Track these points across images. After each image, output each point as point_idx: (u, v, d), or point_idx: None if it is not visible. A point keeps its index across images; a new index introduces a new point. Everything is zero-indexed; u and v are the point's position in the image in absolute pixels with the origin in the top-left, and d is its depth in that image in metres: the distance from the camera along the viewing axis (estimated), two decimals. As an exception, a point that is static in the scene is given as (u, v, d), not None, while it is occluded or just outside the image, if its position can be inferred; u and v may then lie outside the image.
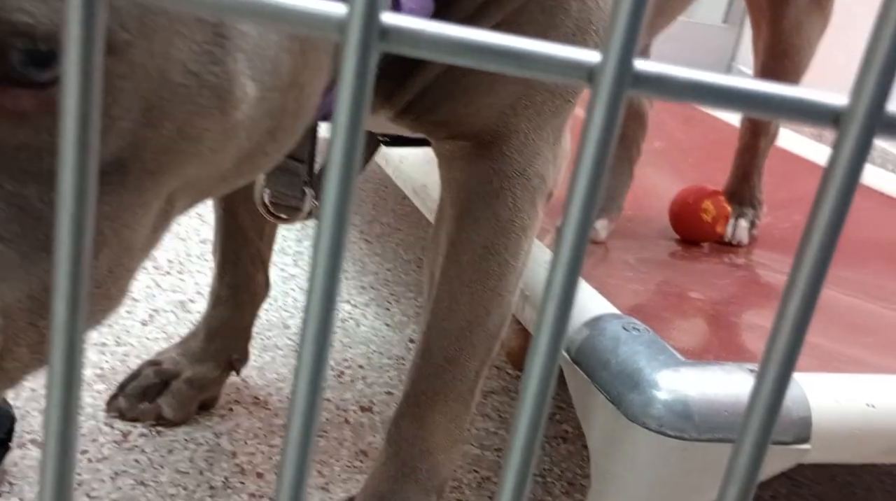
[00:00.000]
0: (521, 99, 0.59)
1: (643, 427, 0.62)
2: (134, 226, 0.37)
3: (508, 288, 0.65)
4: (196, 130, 0.37)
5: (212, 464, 0.83)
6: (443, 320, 0.65)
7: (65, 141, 0.15)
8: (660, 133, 1.32)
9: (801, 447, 0.64)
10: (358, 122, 0.16)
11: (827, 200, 0.15)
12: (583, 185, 0.15)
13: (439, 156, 0.65)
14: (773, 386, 0.17)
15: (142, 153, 0.36)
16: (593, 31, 0.58)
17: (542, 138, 0.61)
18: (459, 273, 0.64)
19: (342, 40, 0.15)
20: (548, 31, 0.56)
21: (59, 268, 0.16)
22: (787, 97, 0.15)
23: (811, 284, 0.16)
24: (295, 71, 0.41)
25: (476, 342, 0.65)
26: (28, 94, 0.32)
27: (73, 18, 0.15)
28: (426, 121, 0.60)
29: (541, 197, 0.63)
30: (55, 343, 0.16)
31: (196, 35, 0.35)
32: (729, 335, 0.85)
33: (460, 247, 0.63)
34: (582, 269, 0.17)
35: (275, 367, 1.00)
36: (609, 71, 0.15)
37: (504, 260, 0.63)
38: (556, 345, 0.17)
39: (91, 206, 0.16)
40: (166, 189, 0.38)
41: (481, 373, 0.68)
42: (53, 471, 0.18)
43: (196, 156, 0.38)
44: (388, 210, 1.49)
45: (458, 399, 0.67)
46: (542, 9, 0.55)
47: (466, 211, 0.62)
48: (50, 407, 0.18)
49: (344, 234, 0.17)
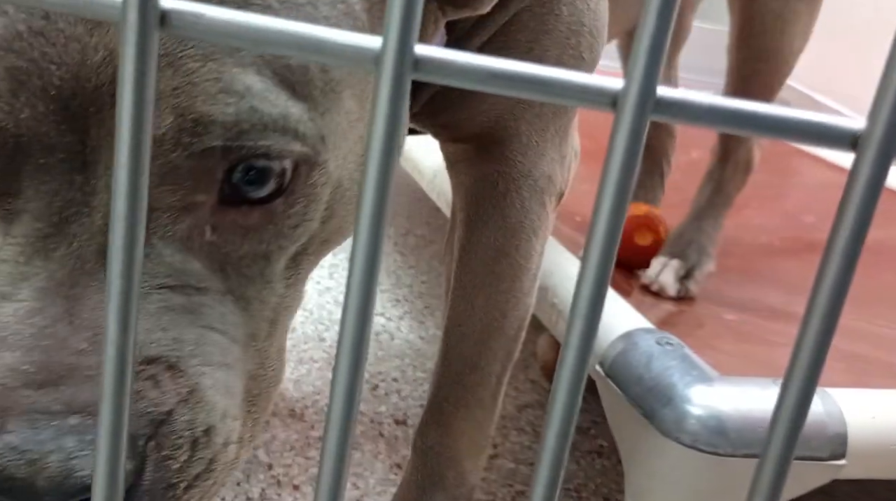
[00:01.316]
0: (518, 103, 0.59)
1: (677, 442, 0.62)
2: (298, 301, 0.44)
3: (523, 289, 0.65)
4: (349, 226, 0.43)
5: (248, 476, 0.84)
6: (460, 325, 0.66)
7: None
8: (696, 142, 1.31)
9: (837, 463, 0.64)
10: (392, 148, 0.17)
11: (846, 223, 0.15)
12: (607, 209, 0.15)
13: (446, 159, 0.65)
14: (797, 399, 0.18)
15: (308, 245, 0.41)
16: (586, 33, 0.58)
17: (545, 139, 0.61)
18: (472, 277, 0.64)
19: (377, 71, 0.16)
20: (540, 36, 0.57)
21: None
22: (805, 121, 0.16)
23: (833, 300, 0.16)
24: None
25: (495, 346, 0.66)
26: (257, 210, 0.38)
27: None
28: (428, 124, 0.61)
29: (550, 197, 0.63)
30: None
31: (360, 150, 0.42)
32: (763, 351, 0.84)
33: (471, 251, 0.64)
34: (608, 286, 0.17)
35: (310, 380, 1.01)
36: (632, 97, 0.16)
37: (516, 261, 0.63)
38: (584, 359, 0.18)
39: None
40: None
41: (502, 378, 0.68)
42: (103, 478, 0.19)
43: (338, 242, 0.45)
44: (422, 222, 1.50)
45: (479, 404, 0.67)
46: (532, 15, 0.56)
47: (475, 214, 0.63)
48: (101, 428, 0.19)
49: (379, 250, 0.18)
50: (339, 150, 0.40)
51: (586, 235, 0.17)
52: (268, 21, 0.16)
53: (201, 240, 0.37)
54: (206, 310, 0.38)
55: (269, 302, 0.40)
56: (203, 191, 0.37)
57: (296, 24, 0.16)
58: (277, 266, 0.40)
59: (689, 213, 1.05)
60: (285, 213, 0.38)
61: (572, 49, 0.57)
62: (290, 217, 0.39)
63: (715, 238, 1.02)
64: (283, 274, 0.41)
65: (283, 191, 0.38)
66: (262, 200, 0.38)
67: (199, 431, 0.37)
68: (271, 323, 0.41)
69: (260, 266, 0.39)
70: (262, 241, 0.39)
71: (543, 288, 0.79)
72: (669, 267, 0.97)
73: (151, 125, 0.16)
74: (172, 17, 0.16)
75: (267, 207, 0.38)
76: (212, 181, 0.37)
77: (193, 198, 0.37)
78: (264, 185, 0.37)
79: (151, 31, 0.16)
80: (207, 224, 0.37)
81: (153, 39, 0.16)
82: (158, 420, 0.35)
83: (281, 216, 0.38)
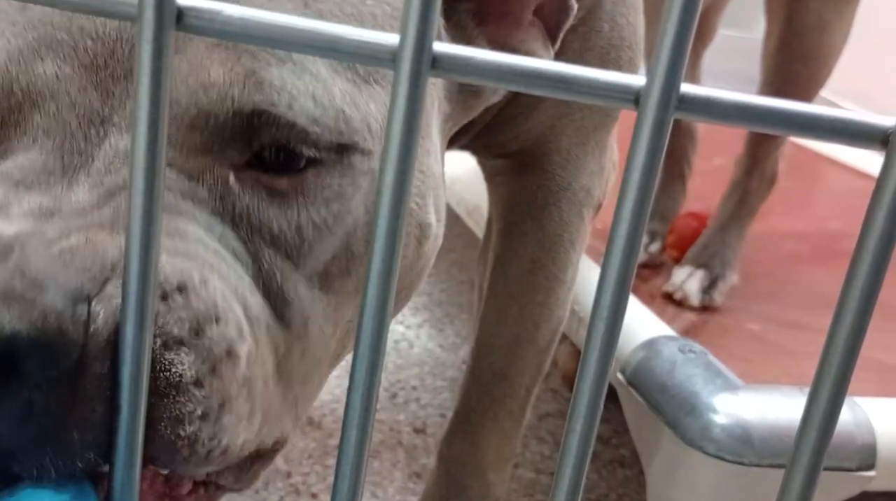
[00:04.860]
0: (560, 119, 0.59)
1: (701, 451, 0.61)
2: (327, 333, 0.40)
3: (558, 302, 0.65)
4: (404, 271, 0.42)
5: (267, 484, 0.84)
6: (491, 336, 0.65)
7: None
8: (719, 148, 1.30)
9: (866, 474, 0.62)
10: (410, 148, 0.16)
11: (875, 225, 0.15)
12: (629, 208, 0.15)
13: (485, 172, 0.65)
14: (826, 408, 0.17)
15: (349, 268, 0.38)
16: (626, 47, 0.59)
17: (585, 152, 0.61)
18: (507, 287, 0.64)
19: (395, 68, 0.16)
20: (583, 53, 0.57)
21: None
22: (834, 118, 0.15)
23: (861, 307, 0.16)
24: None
25: (525, 357, 0.65)
26: (286, 177, 0.36)
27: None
28: (470, 146, 0.61)
29: (588, 209, 0.63)
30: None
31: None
32: (788, 359, 0.83)
33: (507, 262, 0.63)
34: (629, 292, 0.17)
35: (329, 388, 1.01)
36: (655, 94, 0.15)
37: (552, 273, 0.63)
38: (605, 366, 0.17)
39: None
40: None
41: (532, 390, 0.68)
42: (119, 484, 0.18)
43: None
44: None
45: (508, 416, 0.67)
46: (575, 36, 0.56)
47: (513, 225, 0.63)
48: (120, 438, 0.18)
49: (397, 253, 0.18)
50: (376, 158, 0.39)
51: (608, 239, 0.17)
52: (285, 19, 0.16)
53: (225, 198, 0.35)
54: (223, 265, 0.34)
55: (295, 306, 0.36)
56: (235, 151, 0.35)
57: (313, 21, 0.16)
58: (308, 262, 0.37)
59: (713, 224, 1.04)
60: (317, 184, 0.36)
61: (612, 64, 0.58)
62: (323, 189, 0.36)
63: (739, 249, 1.02)
64: (314, 282, 0.37)
65: (316, 162, 0.36)
66: (292, 171, 0.36)
67: (195, 322, 0.31)
68: (298, 338, 0.37)
69: (289, 251, 0.36)
70: (289, 208, 0.36)
71: (564, 295, 0.79)
72: (694, 277, 0.97)
73: (167, 118, 0.16)
74: (189, 14, 0.16)
75: (297, 177, 0.36)
76: (245, 149, 0.35)
77: (223, 156, 0.35)
78: (295, 166, 0.35)
79: (168, 29, 0.16)
80: (234, 182, 0.35)
81: (169, 37, 0.16)
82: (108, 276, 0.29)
83: (312, 187, 0.36)
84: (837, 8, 0.90)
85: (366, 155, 0.37)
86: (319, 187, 0.36)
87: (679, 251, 1.07)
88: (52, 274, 0.29)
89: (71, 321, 0.28)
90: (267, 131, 0.35)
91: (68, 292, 0.28)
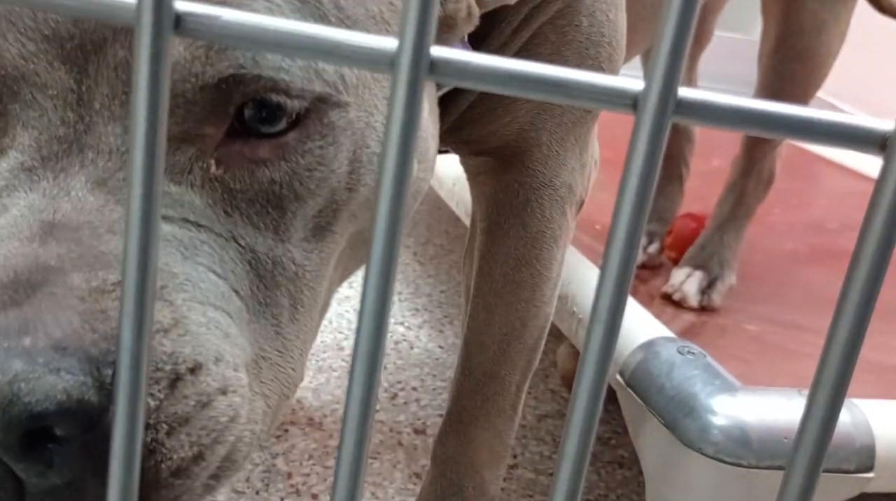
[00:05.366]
0: (540, 114, 0.59)
1: (699, 453, 0.61)
2: (321, 284, 0.40)
3: (544, 298, 0.65)
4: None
5: (268, 485, 0.84)
6: (480, 334, 0.65)
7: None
8: (717, 150, 1.30)
9: (865, 475, 0.62)
10: (407, 150, 0.16)
11: (874, 229, 0.15)
12: (627, 211, 0.15)
13: (466, 171, 0.66)
14: (825, 410, 0.17)
15: (330, 212, 0.38)
16: (605, 44, 0.59)
17: (565, 148, 0.61)
18: (493, 285, 0.64)
19: (393, 72, 0.16)
20: (561, 48, 0.57)
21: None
22: (832, 122, 0.15)
23: (860, 308, 0.16)
24: (434, 156, 0.46)
25: (514, 355, 0.65)
26: (267, 143, 0.35)
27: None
28: (450, 141, 0.61)
29: (570, 206, 0.63)
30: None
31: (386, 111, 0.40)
32: (787, 361, 0.83)
33: (492, 260, 0.64)
34: (628, 294, 0.17)
35: (329, 389, 1.01)
36: (653, 98, 0.15)
37: (536, 270, 0.63)
38: (604, 367, 0.17)
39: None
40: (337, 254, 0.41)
41: (522, 387, 0.68)
42: (117, 487, 0.18)
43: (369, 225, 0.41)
44: (441, 231, 1.50)
45: (500, 414, 0.67)
46: (553, 28, 0.56)
47: (496, 224, 0.63)
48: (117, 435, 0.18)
49: (395, 255, 0.18)
50: (363, 100, 0.38)
51: (606, 240, 0.17)
52: (283, 24, 0.16)
53: (205, 173, 0.35)
54: (205, 249, 0.34)
55: (285, 268, 0.37)
56: (212, 125, 0.35)
57: (311, 26, 0.16)
58: (293, 222, 0.37)
59: (710, 225, 1.05)
60: (298, 150, 0.36)
61: (591, 59, 0.58)
62: (304, 155, 0.36)
63: (737, 250, 1.02)
64: (301, 237, 0.37)
65: (296, 124, 0.35)
66: (273, 135, 0.35)
67: (183, 367, 0.32)
68: (291, 298, 0.37)
69: (273, 216, 0.36)
70: (273, 181, 0.36)
71: (563, 296, 0.79)
72: (693, 278, 0.97)
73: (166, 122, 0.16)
74: (187, 19, 0.16)
75: (278, 141, 0.35)
76: (223, 115, 0.34)
77: (201, 130, 0.34)
78: (276, 123, 0.35)
79: (166, 34, 0.16)
80: (212, 156, 0.35)
81: (168, 42, 0.16)
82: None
83: (293, 152, 0.36)
84: (834, 8, 0.90)
85: (343, 107, 0.37)
86: (301, 152, 0.36)
87: (677, 252, 1.07)
88: (76, 342, 0.29)
89: (95, 391, 0.29)
90: (237, 91, 0.34)
91: (92, 360, 0.29)
